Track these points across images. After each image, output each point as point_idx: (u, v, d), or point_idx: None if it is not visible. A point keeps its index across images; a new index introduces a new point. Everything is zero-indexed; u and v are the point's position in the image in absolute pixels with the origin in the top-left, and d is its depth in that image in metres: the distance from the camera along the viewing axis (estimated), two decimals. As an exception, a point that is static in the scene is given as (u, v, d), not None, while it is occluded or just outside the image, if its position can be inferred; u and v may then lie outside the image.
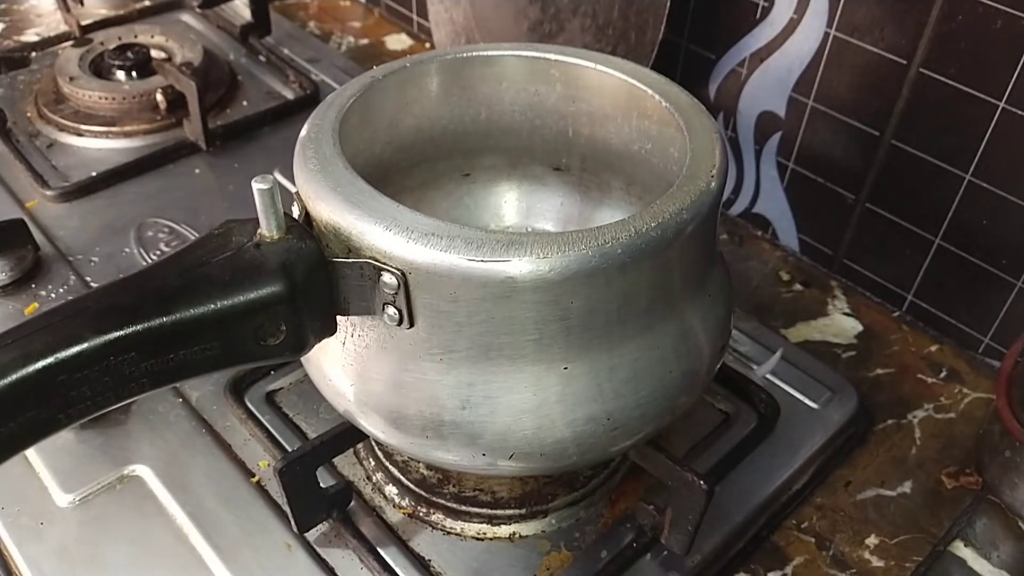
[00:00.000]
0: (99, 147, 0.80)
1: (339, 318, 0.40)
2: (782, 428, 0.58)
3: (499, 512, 0.52)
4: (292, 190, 0.42)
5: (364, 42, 1.00)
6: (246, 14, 0.95)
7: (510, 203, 0.60)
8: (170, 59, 0.87)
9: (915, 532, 0.54)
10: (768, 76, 0.68)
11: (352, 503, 0.53)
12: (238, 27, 0.94)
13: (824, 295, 0.70)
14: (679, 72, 0.74)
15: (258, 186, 0.36)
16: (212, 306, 0.35)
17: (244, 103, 0.87)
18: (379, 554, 0.50)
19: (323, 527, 0.51)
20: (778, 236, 0.74)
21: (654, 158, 0.51)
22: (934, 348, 0.66)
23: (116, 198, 0.75)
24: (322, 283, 0.38)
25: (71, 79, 0.83)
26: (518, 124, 0.55)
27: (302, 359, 0.44)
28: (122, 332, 0.34)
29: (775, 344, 0.63)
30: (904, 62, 0.60)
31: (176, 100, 0.81)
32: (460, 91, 0.53)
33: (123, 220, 0.72)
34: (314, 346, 0.40)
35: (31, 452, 0.54)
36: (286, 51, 0.94)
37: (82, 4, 0.91)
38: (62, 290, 0.66)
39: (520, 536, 0.52)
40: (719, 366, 0.47)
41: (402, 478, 0.54)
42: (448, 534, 0.52)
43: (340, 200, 0.39)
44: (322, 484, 0.50)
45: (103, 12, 0.95)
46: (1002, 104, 0.56)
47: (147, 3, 0.98)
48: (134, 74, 0.84)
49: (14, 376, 0.32)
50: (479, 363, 0.40)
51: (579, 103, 0.53)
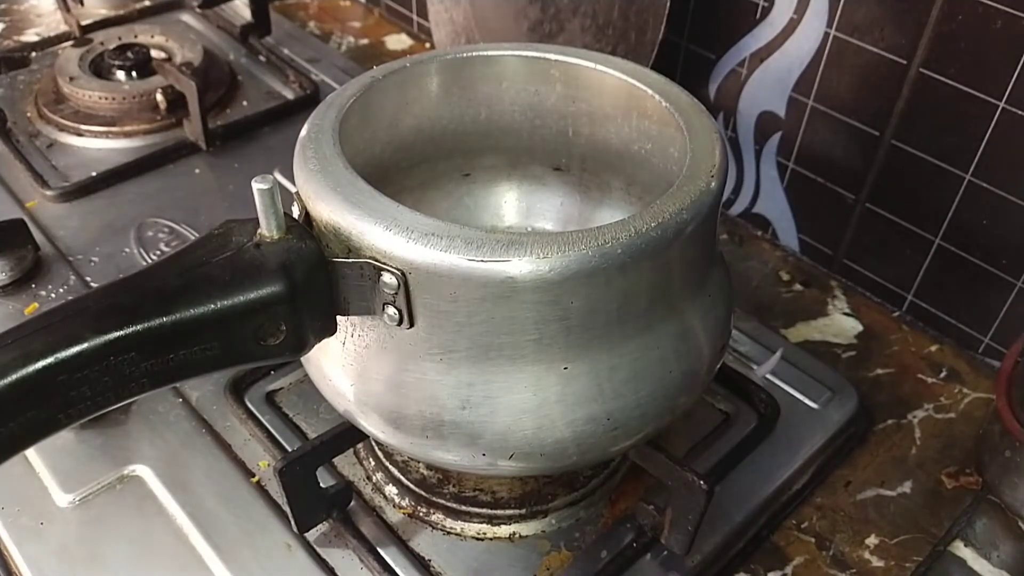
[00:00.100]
0: (99, 147, 0.80)
1: (339, 318, 0.40)
2: (782, 428, 0.58)
3: (499, 512, 0.52)
4: (292, 190, 0.42)
5: (364, 42, 1.00)
6: (246, 14, 0.95)
7: (510, 203, 0.60)
8: (170, 59, 0.87)
9: (915, 532, 0.54)
10: (768, 76, 0.68)
11: (352, 503, 0.53)
12: (238, 27, 0.94)
13: (824, 295, 0.70)
14: (679, 72, 0.74)
15: (258, 186, 0.36)
16: (212, 306, 0.35)
17: (244, 103, 0.87)
18: (379, 554, 0.50)
19: (323, 527, 0.51)
20: (778, 236, 0.74)
21: (654, 158, 0.51)
22: (934, 348, 0.66)
23: (116, 198, 0.75)
24: (322, 283, 0.38)
25: (71, 79, 0.83)
26: (518, 124, 0.55)
27: (302, 359, 0.44)
28: (122, 332, 0.34)
29: (775, 344, 0.63)
30: (904, 62, 0.60)
31: (176, 100, 0.81)
32: (460, 91, 0.53)
33: (123, 220, 0.72)
34: (314, 346, 0.40)
35: (31, 452, 0.54)
36: (286, 51, 0.94)
37: (82, 4, 0.91)
38: (62, 290, 0.66)
39: (520, 536, 0.52)
40: (719, 366, 0.47)
41: (402, 478, 0.54)
42: (448, 534, 0.52)
43: (340, 200, 0.39)
44: (322, 484, 0.50)
45: (103, 12, 0.95)
46: (1002, 104, 0.56)
47: (147, 3, 0.98)
48: (134, 74, 0.84)
49: (14, 376, 0.32)
50: (479, 363, 0.40)
51: (579, 103, 0.53)
